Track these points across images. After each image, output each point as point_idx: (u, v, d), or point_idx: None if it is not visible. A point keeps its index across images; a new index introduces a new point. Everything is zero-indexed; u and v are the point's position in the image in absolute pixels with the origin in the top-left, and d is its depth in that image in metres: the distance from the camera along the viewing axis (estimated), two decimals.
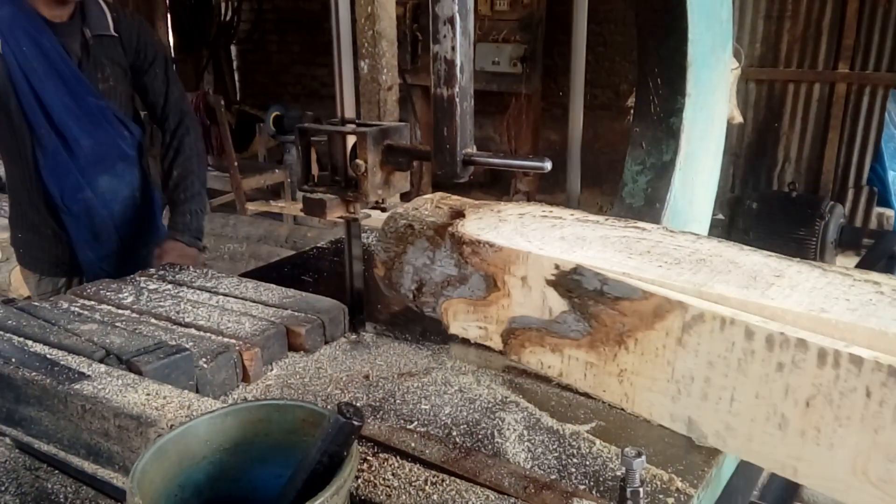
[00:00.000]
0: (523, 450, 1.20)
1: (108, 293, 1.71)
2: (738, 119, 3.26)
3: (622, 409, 1.21)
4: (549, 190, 6.63)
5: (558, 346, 1.21)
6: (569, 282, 1.16)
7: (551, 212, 1.37)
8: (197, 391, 1.33)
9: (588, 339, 1.17)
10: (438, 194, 1.67)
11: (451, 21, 1.26)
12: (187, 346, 1.38)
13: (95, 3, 2.20)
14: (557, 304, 1.17)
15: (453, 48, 1.27)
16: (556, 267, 1.17)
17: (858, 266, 3.81)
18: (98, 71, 2.20)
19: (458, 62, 1.28)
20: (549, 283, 1.19)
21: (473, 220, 1.46)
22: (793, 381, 0.95)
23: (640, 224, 1.30)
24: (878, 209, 5.64)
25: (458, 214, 1.51)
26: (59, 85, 2.11)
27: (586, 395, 1.38)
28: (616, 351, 1.13)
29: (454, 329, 1.41)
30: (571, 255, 1.18)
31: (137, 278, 1.83)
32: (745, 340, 0.99)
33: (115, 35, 2.23)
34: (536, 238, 1.36)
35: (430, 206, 1.55)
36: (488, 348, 1.26)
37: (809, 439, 0.95)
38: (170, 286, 1.77)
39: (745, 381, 0.99)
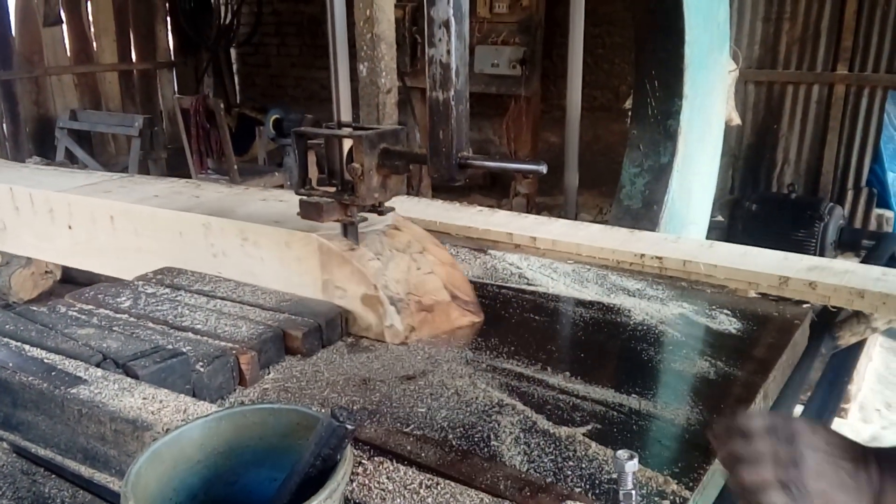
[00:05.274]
0: (519, 453, 1.20)
1: (105, 297, 1.71)
2: (736, 121, 3.26)
3: None
4: (548, 192, 6.62)
5: None
6: None
7: None
8: (194, 395, 1.33)
9: None
10: None
11: (447, 24, 1.27)
12: (184, 350, 1.39)
13: None
14: None
15: (448, 52, 1.28)
16: None
17: None
18: None
19: (453, 65, 1.29)
20: None
21: None
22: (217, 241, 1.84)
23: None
24: (877, 210, 5.63)
25: None
26: None
27: (583, 397, 1.38)
28: None
29: None
30: None
31: (135, 283, 1.83)
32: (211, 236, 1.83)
33: None
34: None
35: None
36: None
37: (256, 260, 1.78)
38: (167, 290, 1.77)
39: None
